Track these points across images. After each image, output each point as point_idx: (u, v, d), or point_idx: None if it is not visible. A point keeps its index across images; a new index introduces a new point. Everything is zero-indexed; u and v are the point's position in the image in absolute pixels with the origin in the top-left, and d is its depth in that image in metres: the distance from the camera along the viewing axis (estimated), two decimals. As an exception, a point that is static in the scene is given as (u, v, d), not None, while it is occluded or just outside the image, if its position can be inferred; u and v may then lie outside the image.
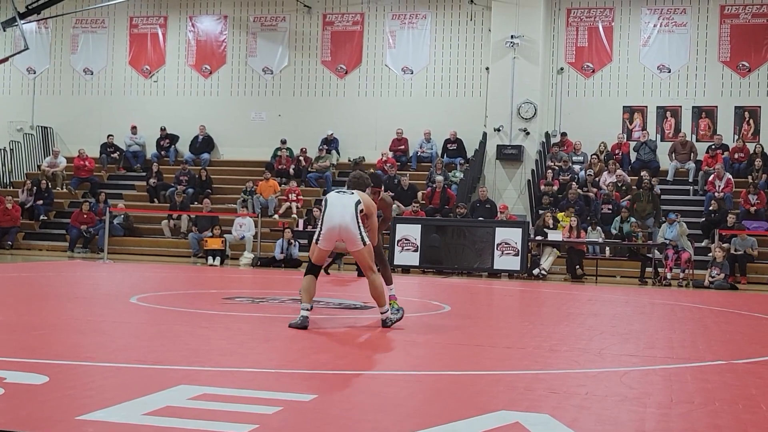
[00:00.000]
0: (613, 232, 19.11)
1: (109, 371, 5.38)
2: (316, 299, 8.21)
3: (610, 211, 20.03)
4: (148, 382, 5.03)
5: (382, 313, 7.94)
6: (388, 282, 8.45)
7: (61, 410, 4.21)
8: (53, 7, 22.98)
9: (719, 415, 4.64)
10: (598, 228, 18.83)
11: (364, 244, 7.74)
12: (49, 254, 21.09)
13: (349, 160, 24.18)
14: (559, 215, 19.25)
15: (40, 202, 23.07)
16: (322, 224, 7.74)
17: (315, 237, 7.83)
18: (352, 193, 7.92)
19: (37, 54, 26.48)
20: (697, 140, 22.45)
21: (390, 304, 8.26)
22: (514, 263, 17.76)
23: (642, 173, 21.03)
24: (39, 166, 25.30)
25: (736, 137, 22.09)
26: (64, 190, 24.18)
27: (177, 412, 4.21)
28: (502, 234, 17.91)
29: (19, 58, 25.12)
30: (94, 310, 9.06)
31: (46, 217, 22.99)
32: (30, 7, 22.41)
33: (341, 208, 7.72)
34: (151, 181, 23.46)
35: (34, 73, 26.99)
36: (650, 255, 18.13)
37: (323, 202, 7.91)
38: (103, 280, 14.21)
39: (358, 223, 7.70)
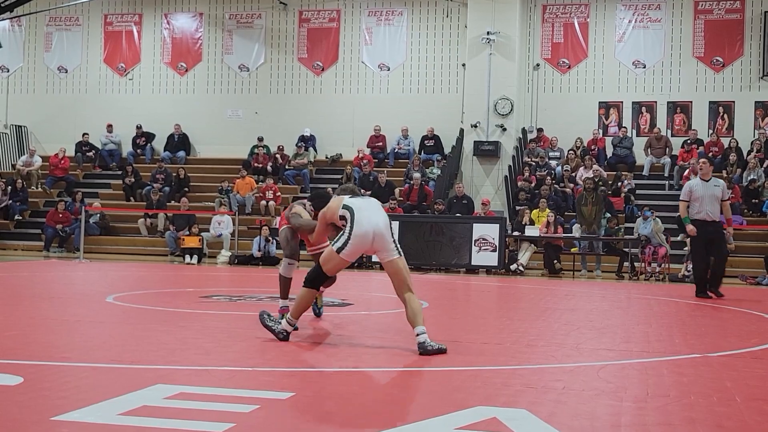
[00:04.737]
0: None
1: (84, 371, 5.34)
2: (292, 296, 8.11)
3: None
4: (123, 381, 5.00)
5: (417, 335, 6.39)
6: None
7: (36, 411, 4.17)
8: (27, 4, 22.80)
9: (694, 408, 4.67)
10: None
11: (400, 254, 6.62)
12: (24, 254, 20.94)
13: (327, 158, 24.19)
14: (533, 213, 19.28)
15: (17, 201, 22.89)
16: (351, 231, 6.55)
17: (338, 245, 6.59)
18: (371, 198, 7.01)
19: (10, 52, 26.28)
20: (672, 135, 22.62)
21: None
22: (491, 259, 17.80)
23: (612, 172, 21.17)
24: (13, 165, 25.11)
25: (711, 132, 22.26)
26: (39, 189, 24.01)
27: (153, 411, 4.18)
28: (479, 230, 17.95)
29: (-8, 57, 24.94)
30: (69, 310, 9.00)
31: (21, 217, 22.82)
32: (3, 5, 22.21)
33: (374, 211, 6.66)
34: (127, 179, 23.33)
35: (8, 71, 26.77)
36: (626, 250, 18.22)
37: (347, 210, 6.67)
38: (79, 279, 14.12)
39: (391, 230, 6.66)
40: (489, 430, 4.05)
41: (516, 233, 18.66)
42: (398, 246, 6.65)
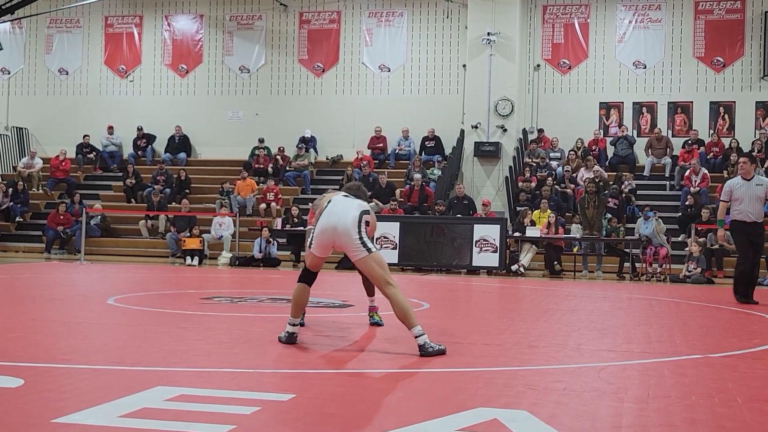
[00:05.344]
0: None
1: (85, 373, 5.34)
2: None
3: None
4: (125, 383, 5.00)
5: (416, 337, 6.27)
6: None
7: (37, 413, 4.17)
8: (27, 6, 22.80)
9: (696, 409, 4.66)
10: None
11: (369, 251, 6.48)
12: (25, 256, 20.95)
13: (327, 159, 24.19)
14: (535, 214, 19.28)
15: (18, 203, 22.90)
16: (316, 226, 6.63)
17: (309, 241, 6.73)
18: (360, 200, 6.94)
19: (11, 54, 26.30)
20: (673, 135, 22.64)
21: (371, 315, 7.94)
22: (492, 260, 17.79)
23: (609, 172, 21.16)
24: (14, 167, 25.12)
25: (712, 132, 22.26)
26: (40, 191, 24.02)
27: (154, 413, 4.18)
28: (480, 231, 17.94)
29: (-8, 59, 24.95)
30: (70, 312, 9.00)
31: (22, 219, 22.83)
32: (3, 7, 22.21)
33: (343, 209, 6.60)
34: (128, 181, 23.34)
35: (9, 73, 26.80)
36: (627, 250, 18.22)
37: (326, 202, 6.76)
38: (80, 281, 14.12)
39: (359, 228, 6.49)
40: (490, 431, 4.05)
41: (517, 234, 18.66)
42: (368, 243, 6.49)
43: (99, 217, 22.05)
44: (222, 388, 4.86)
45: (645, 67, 22.98)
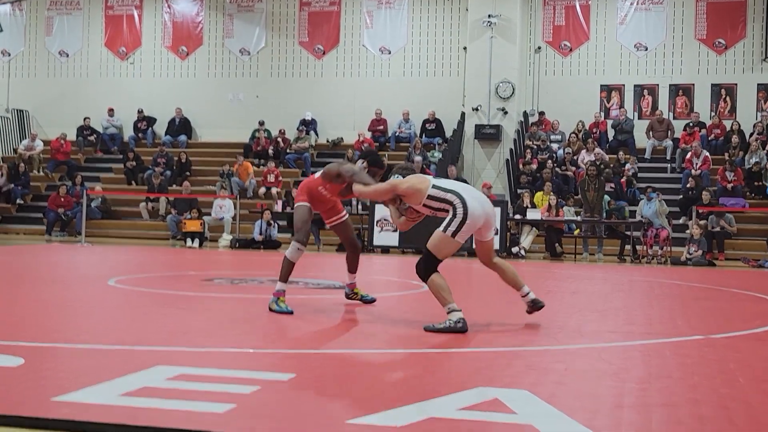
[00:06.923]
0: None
1: (85, 353, 5.33)
2: (293, 279, 8.11)
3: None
4: (125, 363, 4.99)
5: (524, 296, 7.07)
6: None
7: (37, 392, 4.16)
8: (27, -12, 22.73)
9: (697, 389, 4.65)
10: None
11: (495, 233, 7.20)
12: (26, 238, 20.95)
13: (328, 141, 24.15)
14: (537, 196, 19.25)
15: (18, 186, 22.88)
16: (466, 214, 6.56)
17: (452, 230, 6.54)
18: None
19: (11, 36, 26.22)
20: (674, 118, 22.58)
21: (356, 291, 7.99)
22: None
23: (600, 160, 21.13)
24: (15, 150, 25.09)
25: (713, 114, 22.21)
26: (41, 173, 24.00)
27: (154, 392, 4.17)
28: (481, 213, 17.88)
29: (-8, 41, 24.86)
30: (71, 293, 9.00)
31: (22, 201, 22.83)
32: (3, -11, 22.15)
33: (479, 195, 7.05)
34: (129, 163, 23.32)
35: (9, 55, 26.72)
36: (629, 233, 18.21)
37: (449, 193, 6.66)
38: (81, 263, 14.11)
39: None
40: (490, 410, 4.04)
41: (517, 216, 18.63)
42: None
43: (99, 199, 22.04)
44: (222, 367, 4.86)
45: (646, 50, 22.90)
